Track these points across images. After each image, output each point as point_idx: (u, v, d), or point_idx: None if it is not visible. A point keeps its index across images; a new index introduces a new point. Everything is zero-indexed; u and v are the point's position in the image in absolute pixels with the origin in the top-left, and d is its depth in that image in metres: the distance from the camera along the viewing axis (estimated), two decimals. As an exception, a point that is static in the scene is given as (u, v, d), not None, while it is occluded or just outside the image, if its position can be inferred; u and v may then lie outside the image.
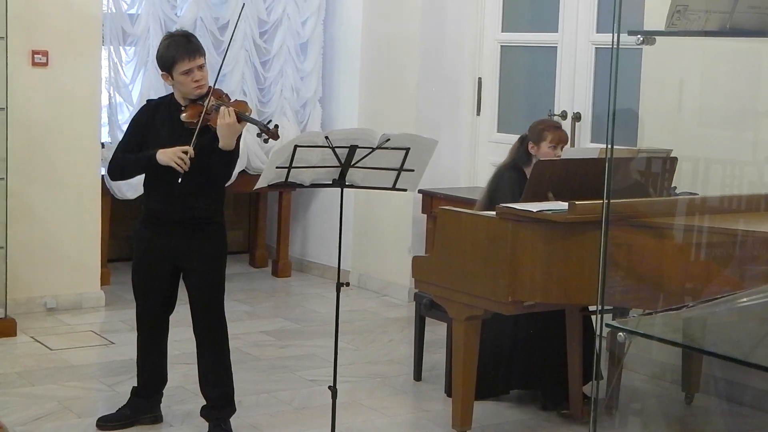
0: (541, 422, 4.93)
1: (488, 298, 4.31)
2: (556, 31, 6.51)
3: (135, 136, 4.49)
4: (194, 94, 4.37)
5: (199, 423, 4.61)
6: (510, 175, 5.04)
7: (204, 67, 4.39)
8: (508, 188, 4.95)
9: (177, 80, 4.37)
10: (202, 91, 4.38)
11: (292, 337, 6.19)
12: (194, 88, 4.36)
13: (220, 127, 4.23)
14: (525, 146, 5.07)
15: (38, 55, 6.28)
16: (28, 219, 6.30)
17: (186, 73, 4.34)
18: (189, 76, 4.34)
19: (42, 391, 5.09)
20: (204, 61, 4.40)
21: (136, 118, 4.59)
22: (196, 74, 4.35)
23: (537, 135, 5.03)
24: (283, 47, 7.44)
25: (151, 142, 4.42)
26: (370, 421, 4.88)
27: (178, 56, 4.33)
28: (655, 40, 3.23)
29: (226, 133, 4.24)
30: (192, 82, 4.35)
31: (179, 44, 4.36)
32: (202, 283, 4.48)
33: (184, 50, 4.34)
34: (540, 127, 5.08)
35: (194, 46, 4.38)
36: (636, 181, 4.51)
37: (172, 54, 4.35)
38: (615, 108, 3.17)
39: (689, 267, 3.85)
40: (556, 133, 5.03)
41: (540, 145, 5.01)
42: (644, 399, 5.27)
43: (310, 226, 7.94)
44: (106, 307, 6.57)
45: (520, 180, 4.99)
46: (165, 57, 4.38)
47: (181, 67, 4.33)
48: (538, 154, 5.01)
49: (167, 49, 4.38)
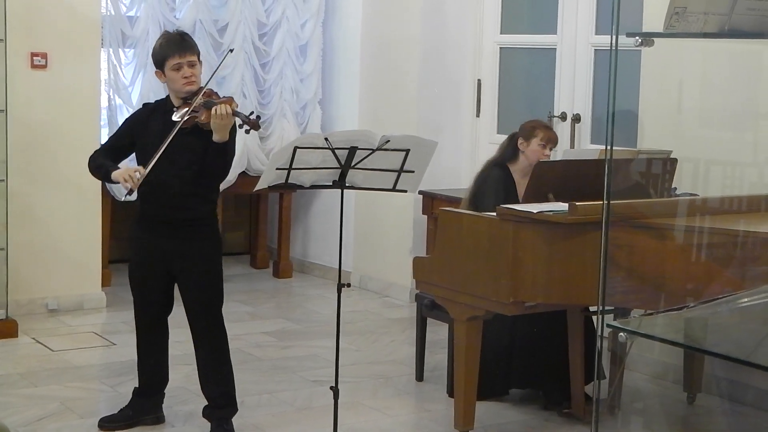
0: (543, 422, 4.94)
1: (489, 299, 4.32)
2: (555, 32, 6.52)
3: (121, 138, 4.57)
4: (184, 90, 4.39)
5: (201, 423, 4.62)
6: (494, 173, 5.06)
7: (196, 66, 4.41)
8: (492, 187, 4.98)
9: (168, 76, 4.41)
10: (192, 87, 4.39)
11: (293, 337, 6.19)
12: (183, 84, 4.38)
13: (214, 120, 4.26)
14: (514, 142, 5.09)
15: (38, 58, 6.29)
16: (28, 220, 6.31)
17: (176, 68, 4.37)
18: (179, 72, 4.37)
19: (44, 392, 5.10)
20: (197, 59, 4.42)
21: (129, 120, 4.67)
22: (186, 70, 4.37)
23: (528, 132, 5.05)
24: (283, 49, 7.45)
25: (141, 142, 4.45)
26: (372, 421, 4.89)
27: (169, 51, 4.37)
28: (654, 42, 3.24)
29: (218, 125, 4.26)
30: (181, 78, 4.37)
31: (172, 41, 4.41)
32: (196, 285, 4.48)
33: (175, 46, 4.38)
34: (532, 124, 5.10)
35: (187, 43, 4.42)
36: (636, 182, 4.52)
37: (164, 50, 4.39)
38: (614, 109, 3.18)
39: (690, 267, 3.86)
40: (547, 132, 5.06)
41: (530, 142, 5.02)
42: (646, 399, 5.28)
43: (311, 227, 7.95)
44: (107, 308, 6.58)
45: (504, 178, 5.02)
46: (157, 53, 4.43)
47: (171, 62, 4.36)
48: (526, 150, 5.02)
49: (161, 47, 4.43)
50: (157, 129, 4.40)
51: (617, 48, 3.10)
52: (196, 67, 4.41)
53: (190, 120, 4.33)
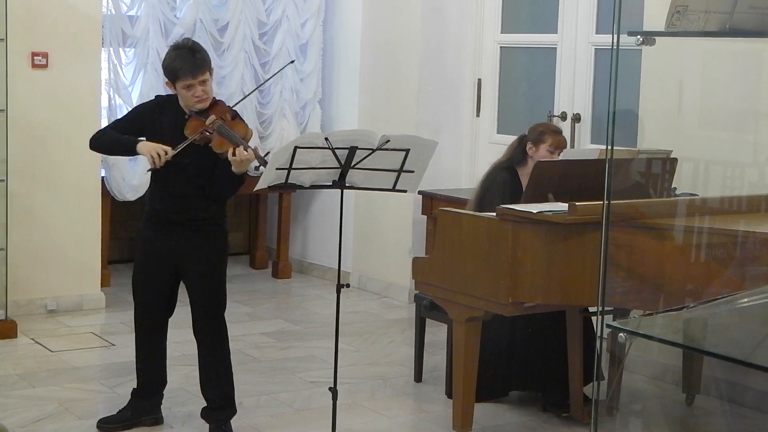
0: (542, 423, 4.93)
1: (489, 300, 4.31)
2: (556, 32, 6.52)
3: (132, 123, 4.54)
4: (196, 108, 4.39)
5: (200, 424, 4.61)
6: (503, 176, 5.04)
7: (207, 82, 4.39)
8: (499, 190, 4.96)
9: (179, 93, 4.40)
10: (203, 105, 4.38)
11: (292, 338, 6.19)
12: (195, 103, 4.38)
13: (234, 164, 4.25)
14: (523, 146, 5.07)
15: (38, 57, 6.28)
16: (28, 221, 6.30)
17: (187, 88, 4.35)
18: (190, 92, 4.36)
19: (42, 392, 5.09)
20: (209, 75, 4.40)
21: (141, 109, 4.64)
22: (198, 90, 4.35)
23: (537, 136, 5.03)
24: (283, 49, 7.44)
25: (151, 135, 4.43)
26: (371, 422, 4.88)
27: (181, 72, 4.33)
28: (655, 41, 3.23)
29: (238, 165, 4.26)
30: (193, 97, 4.36)
31: (184, 58, 4.35)
32: (201, 285, 4.49)
33: (188, 66, 4.33)
34: (541, 129, 5.07)
35: (199, 61, 4.36)
36: (636, 182, 4.51)
37: (176, 67, 4.35)
38: (615, 109, 3.17)
39: (690, 268, 3.85)
40: (557, 138, 5.03)
41: (539, 147, 5.01)
42: (645, 400, 5.27)
43: (310, 228, 7.94)
44: (106, 308, 6.57)
45: (512, 181, 5.00)
46: (169, 69, 4.39)
47: (183, 83, 4.34)
48: (535, 155, 5.00)
49: (173, 62, 4.37)
50: (169, 124, 4.40)
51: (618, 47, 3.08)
52: (208, 83, 4.39)
53: (202, 139, 4.33)
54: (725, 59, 4.67)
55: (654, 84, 5.47)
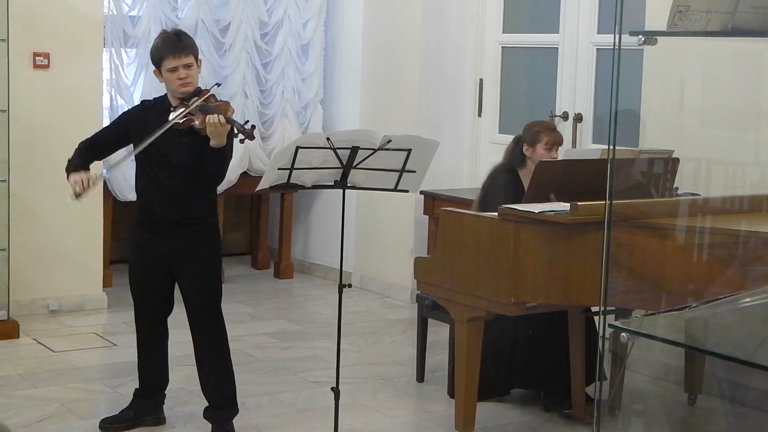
0: (544, 423, 4.93)
1: (490, 299, 4.31)
2: (557, 32, 6.51)
3: (112, 132, 4.60)
4: (180, 92, 4.39)
5: (202, 424, 4.61)
6: (504, 177, 5.04)
7: (192, 66, 4.39)
8: (501, 191, 4.95)
9: (164, 77, 4.41)
10: (187, 89, 4.38)
11: (294, 338, 6.19)
12: (179, 86, 4.38)
13: (208, 128, 4.25)
14: (520, 148, 5.06)
15: (39, 57, 6.28)
16: (30, 221, 6.30)
17: (172, 70, 4.36)
18: (174, 74, 4.36)
19: (44, 393, 5.09)
20: (194, 60, 4.40)
21: (125, 115, 4.67)
22: (181, 72, 4.36)
23: (532, 137, 5.03)
24: (285, 49, 7.45)
25: (137, 138, 4.43)
26: (373, 422, 4.88)
27: (165, 53, 4.36)
28: (657, 41, 3.23)
29: (212, 133, 4.26)
30: (177, 79, 4.37)
31: (168, 41, 4.40)
32: (196, 284, 4.48)
33: (171, 47, 4.36)
34: (535, 129, 5.06)
35: (183, 44, 4.39)
36: (638, 182, 4.51)
37: (160, 51, 4.38)
38: (617, 109, 3.17)
39: (692, 268, 3.85)
40: (552, 135, 5.02)
41: (535, 147, 5.00)
42: (647, 400, 5.27)
43: (312, 228, 7.94)
44: (108, 308, 6.57)
45: (514, 182, 5.00)
46: (154, 54, 4.43)
47: (167, 64, 4.36)
48: (533, 156, 5.00)
49: (157, 47, 4.42)
50: (154, 126, 4.39)
51: (620, 47, 3.08)
52: (193, 68, 4.40)
53: (186, 122, 4.32)
54: (727, 59, 4.67)
55: (656, 84, 5.47)
